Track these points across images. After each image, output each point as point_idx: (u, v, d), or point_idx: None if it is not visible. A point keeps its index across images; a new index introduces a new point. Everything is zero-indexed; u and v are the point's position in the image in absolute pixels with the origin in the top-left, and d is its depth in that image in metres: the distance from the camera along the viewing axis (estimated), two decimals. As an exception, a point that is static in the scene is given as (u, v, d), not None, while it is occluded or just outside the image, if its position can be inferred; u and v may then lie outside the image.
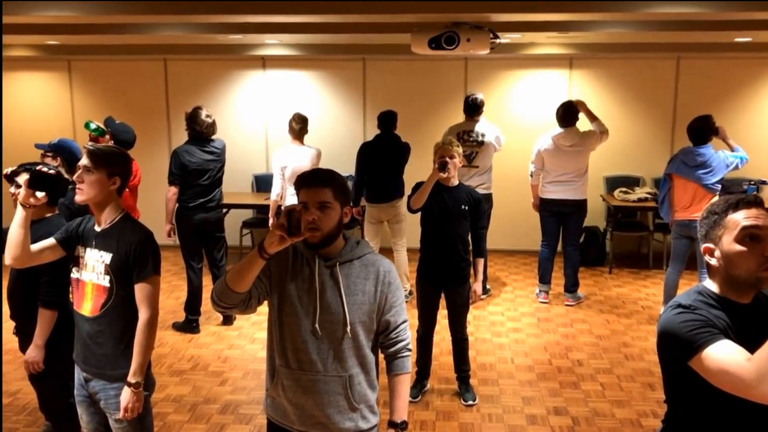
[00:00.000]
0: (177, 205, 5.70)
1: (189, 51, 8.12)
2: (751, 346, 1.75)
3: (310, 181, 2.32)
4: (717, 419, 1.88)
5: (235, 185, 8.28)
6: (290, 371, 2.36)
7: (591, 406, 4.58)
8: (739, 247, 1.85)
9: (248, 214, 8.45)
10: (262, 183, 8.37)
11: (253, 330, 5.96)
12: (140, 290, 2.76)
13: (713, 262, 1.93)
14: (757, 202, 1.89)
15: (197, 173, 5.67)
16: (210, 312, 6.26)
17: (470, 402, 4.58)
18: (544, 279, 6.72)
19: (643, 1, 4.51)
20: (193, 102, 6.66)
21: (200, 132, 5.64)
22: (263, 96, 8.61)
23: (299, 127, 6.21)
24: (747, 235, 1.85)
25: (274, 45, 7.90)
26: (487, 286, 6.94)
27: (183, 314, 5.96)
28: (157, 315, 2.79)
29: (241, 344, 5.66)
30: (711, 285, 1.95)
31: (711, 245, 1.93)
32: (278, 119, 8.33)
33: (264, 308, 2.46)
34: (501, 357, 5.40)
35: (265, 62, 8.53)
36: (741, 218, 1.87)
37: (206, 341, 5.73)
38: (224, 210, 6.28)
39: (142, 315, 2.76)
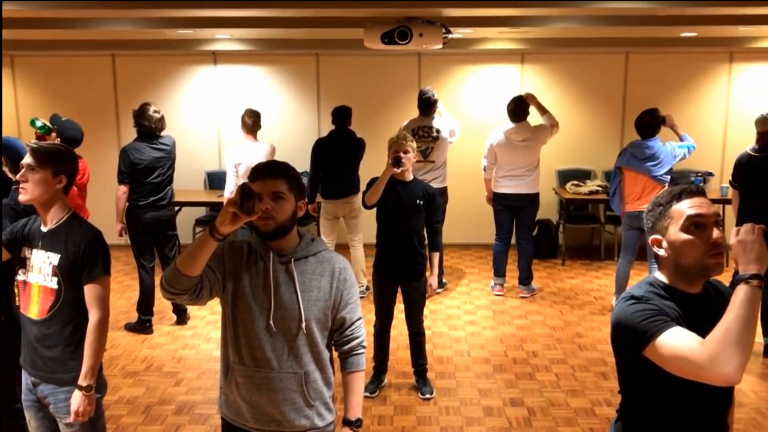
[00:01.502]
0: (127, 203, 5.59)
1: (138, 46, 7.95)
2: (703, 334, 1.78)
3: (265, 171, 2.31)
4: (670, 407, 1.92)
5: (187, 182, 8.16)
6: (244, 368, 2.33)
7: (546, 396, 4.65)
8: (685, 236, 1.89)
9: (201, 211, 8.34)
10: (215, 180, 8.26)
11: (208, 329, 5.88)
12: (90, 291, 2.69)
13: (661, 252, 1.96)
14: (699, 192, 1.94)
15: (147, 171, 5.56)
16: (163, 312, 6.16)
17: (427, 395, 4.61)
18: (499, 272, 6.79)
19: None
20: (143, 98, 6.53)
21: (148, 128, 5.54)
22: (215, 92, 8.49)
23: (252, 121, 6.16)
24: (692, 224, 1.89)
25: (225, 40, 7.79)
26: (443, 280, 6.98)
27: (135, 315, 5.85)
28: (107, 316, 2.73)
29: (195, 344, 5.59)
30: (661, 276, 1.99)
31: (658, 236, 1.96)
32: (231, 115, 8.22)
33: (219, 307, 2.42)
34: (457, 350, 5.44)
35: (216, 57, 8.41)
36: (685, 208, 1.90)
37: (160, 341, 5.64)
38: (176, 208, 6.18)
39: (93, 316, 2.69)
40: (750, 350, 1.69)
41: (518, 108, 6.40)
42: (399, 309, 4.69)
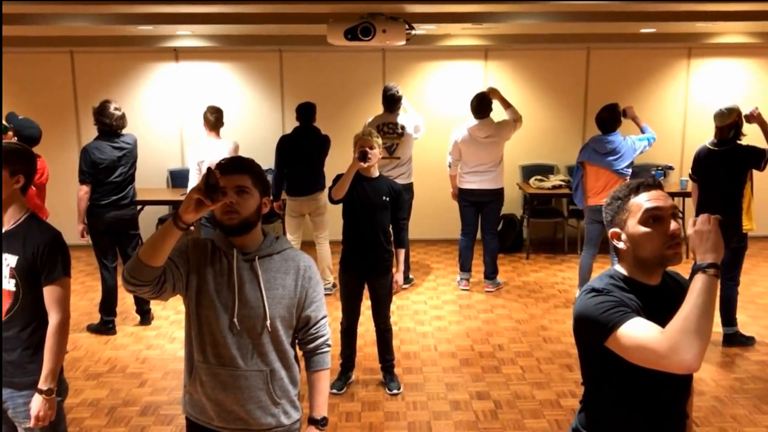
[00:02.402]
0: (89, 203, 5.49)
1: (97, 43, 7.81)
2: (662, 326, 1.81)
3: (229, 166, 2.29)
4: (631, 397, 1.95)
5: (149, 181, 8.05)
6: (209, 367, 2.32)
7: (512, 389, 4.69)
8: (643, 229, 1.92)
9: (164, 210, 8.23)
10: (178, 178, 8.17)
11: (172, 329, 5.81)
12: (49, 293, 2.64)
13: (621, 245, 1.99)
14: (656, 185, 1.97)
15: (108, 170, 5.47)
16: (127, 312, 6.07)
17: (395, 391, 4.62)
18: (465, 267, 6.84)
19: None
20: (103, 96, 6.41)
21: (109, 125, 5.45)
22: (177, 89, 8.38)
23: (215, 118, 6.10)
24: (650, 217, 1.92)
25: (186, 36, 7.70)
26: (410, 276, 7.00)
27: (98, 316, 5.76)
28: (68, 318, 2.68)
29: (160, 344, 5.52)
30: (621, 268, 2.02)
31: (617, 230, 2.00)
32: (193, 112, 8.12)
33: (183, 307, 2.40)
34: (424, 345, 5.46)
35: (177, 54, 8.31)
36: (643, 201, 1.94)
37: (123, 342, 5.56)
38: (138, 207, 6.09)
39: (53, 319, 2.64)
40: (708, 338, 1.72)
41: (481, 105, 6.44)
42: (366, 305, 4.69)
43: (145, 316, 5.92)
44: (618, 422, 1.99)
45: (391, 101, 6.49)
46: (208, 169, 2.07)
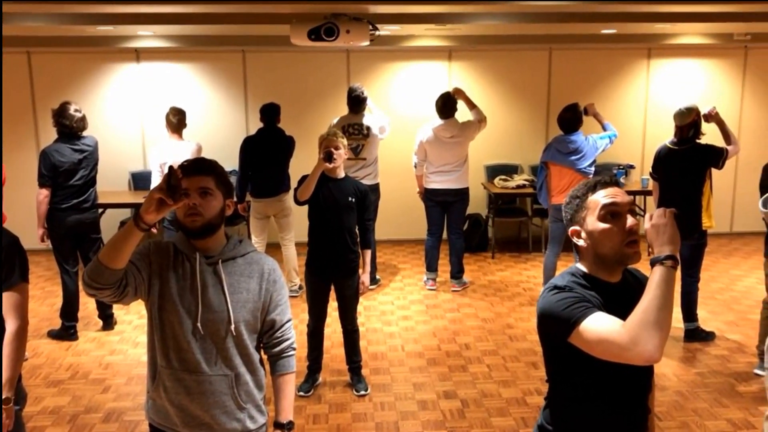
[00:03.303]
0: (49, 207, 5.38)
1: (55, 43, 7.66)
2: (623, 320, 1.83)
3: (192, 168, 2.27)
4: (594, 393, 1.98)
5: (110, 183, 7.92)
6: (173, 372, 2.29)
7: (479, 387, 4.72)
8: (602, 225, 1.95)
9: (126, 213, 8.10)
10: (140, 180, 8.05)
11: (135, 333, 5.73)
12: (7, 299, 2.57)
13: (581, 243, 2.02)
14: (613, 182, 2.00)
15: (69, 173, 5.37)
16: (89, 317, 5.97)
17: (362, 392, 4.61)
18: (431, 267, 6.86)
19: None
20: (62, 98, 6.30)
21: (69, 127, 5.34)
22: (138, 90, 8.26)
23: (177, 120, 6.02)
24: (608, 213, 1.95)
25: (148, 37, 7.60)
26: (377, 276, 7.00)
27: (59, 321, 5.65)
28: (26, 325, 2.61)
29: (123, 349, 5.43)
30: (582, 266, 2.05)
31: (577, 227, 2.02)
32: (155, 114, 8.02)
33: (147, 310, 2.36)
34: (392, 345, 5.47)
35: (139, 55, 8.19)
36: (600, 198, 1.97)
37: (85, 348, 5.46)
38: (100, 210, 5.99)
39: (10, 326, 2.57)
40: (668, 328, 1.75)
41: (446, 105, 6.47)
42: (333, 307, 4.68)
43: (107, 321, 5.83)
44: (581, 418, 2.02)
45: (356, 102, 6.48)
46: (170, 168, 2.04)
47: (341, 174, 4.48)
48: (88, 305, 6.07)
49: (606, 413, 1.99)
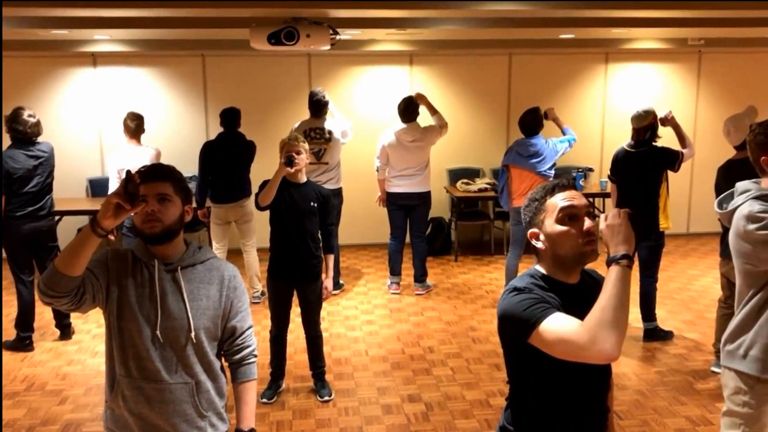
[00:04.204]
0: (3, 215, 5.25)
1: (8, 47, 7.46)
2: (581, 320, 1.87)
3: (150, 174, 2.24)
4: (554, 393, 2.00)
5: (67, 190, 7.76)
6: (132, 380, 2.25)
7: (443, 390, 4.73)
8: (560, 228, 1.98)
9: (83, 220, 7.93)
10: (98, 187, 7.91)
11: (94, 343, 5.61)
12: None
13: (540, 245, 2.05)
14: (570, 185, 2.04)
15: (24, 180, 5.25)
16: (45, 327, 5.83)
17: (326, 398, 4.59)
18: (395, 271, 6.86)
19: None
20: (16, 103, 6.15)
21: (24, 133, 5.22)
22: (95, 95, 8.12)
23: (135, 125, 5.94)
24: (566, 215, 1.98)
25: (104, 41, 7.47)
26: (340, 281, 6.98)
27: (14, 332, 5.51)
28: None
29: (81, 359, 5.32)
30: (541, 268, 2.08)
31: (536, 230, 2.05)
32: (113, 119, 7.88)
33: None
34: (356, 350, 5.45)
35: (95, 59, 8.05)
36: (558, 200, 2.00)
37: (42, 359, 5.33)
38: (56, 217, 5.86)
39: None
40: (625, 327, 1.78)
41: (408, 108, 6.49)
42: (295, 313, 4.65)
43: (65, 331, 5.70)
44: (542, 417, 2.04)
45: (318, 106, 6.46)
46: (128, 172, 2.01)
47: (303, 179, 4.46)
48: (44, 314, 5.93)
49: (566, 413, 2.02)
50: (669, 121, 5.38)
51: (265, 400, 4.52)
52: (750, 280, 2.72)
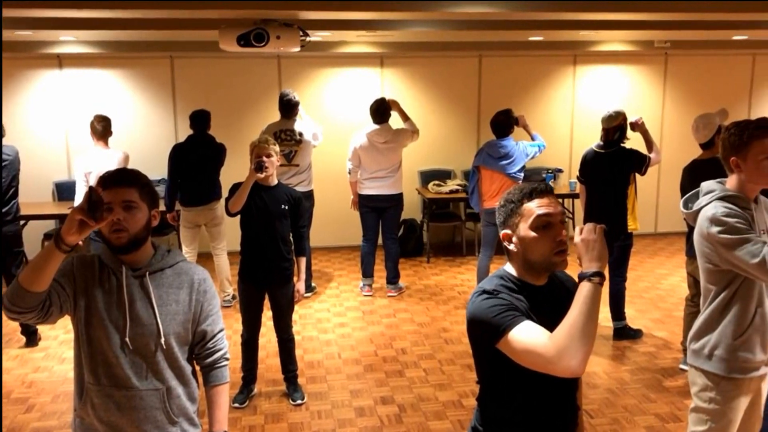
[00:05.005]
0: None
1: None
2: (549, 323, 1.90)
3: (114, 180, 2.19)
4: (523, 393, 2.01)
5: (33, 194, 7.63)
6: (101, 388, 2.21)
7: (416, 392, 4.73)
8: (534, 234, 1.99)
9: (50, 225, 7.81)
10: (64, 191, 7.77)
11: (62, 349, 5.52)
12: None
13: (511, 247, 2.06)
14: (548, 191, 2.04)
15: (-13, 183, 5.15)
16: (11, 334, 5.72)
17: (299, 401, 4.56)
18: (367, 273, 6.86)
19: (444, 1, 4.70)
20: (-21, 105, 6.03)
21: (-13, 137, 5.12)
22: (61, 97, 7.99)
23: (102, 127, 5.86)
24: (541, 223, 1.99)
25: (70, 42, 7.35)
26: (312, 284, 6.95)
27: (-22, 339, 5.40)
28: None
29: (48, 366, 5.22)
30: (510, 269, 2.09)
31: (509, 231, 2.06)
32: (79, 121, 7.77)
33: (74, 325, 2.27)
34: (328, 353, 5.43)
35: (61, 61, 7.92)
36: (535, 207, 2.00)
37: (7, 366, 5.22)
38: (22, 222, 5.75)
39: None
40: (592, 343, 1.81)
41: (380, 109, 6.49)
42: (267, 316, 4.62)
43: (31, 338, 5.59)
44: (512, 417, 2.05)
45: (288, 107, 6.42)
46: (90, 188, 1.97)
47: (274, 181, 4.43)
48: (10, 321, 5.81)
49: (535, 412, 2.03)
50: (639, 127, 5.46)
51: (237, 404, 4.48)
52: (713, 279, 2.76)
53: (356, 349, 5.51)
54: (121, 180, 2.19)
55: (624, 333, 5.61)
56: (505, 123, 6.06)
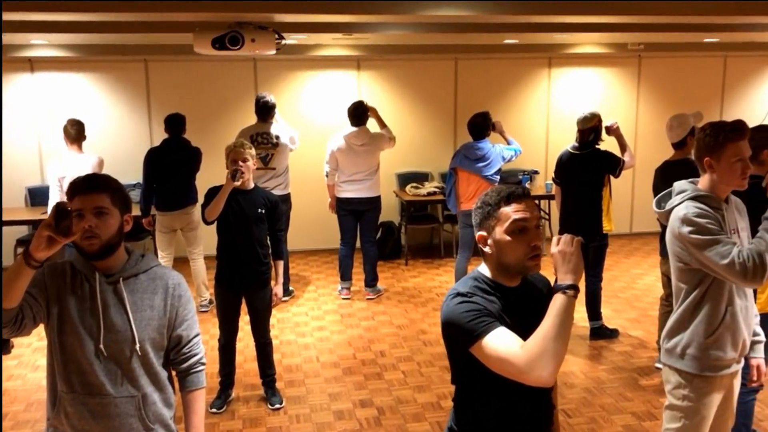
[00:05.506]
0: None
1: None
2: (522, 324, 1.93)
3: (84, 186, 2.16)
4: (498, 392, 2.02)
5: (5, 200, 7.53)
6: (75, 396, 2.18)
7: (395, 394, 4.73)
8: (509, 238, 2.01)
9: (23, 230, 7.71)
10: (38, 196, 7.67)
11: (35, 357, 5.44)
12: None
13: (486, 249, 2.07)
14: (525, 195, 2.05)
15: (-43, 189, 5.06)
16: (-17, 342, 5.62)
17: (277, 405, 4.54)
18: (345, 276, 6.84)
19: (420, 1, 4.71)
20: (-52, 109, 5.94)
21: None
22: (33, 101, 7.89)
23: (75, 131, 5.79)
24: (516, 228, 2.00)
25: (42, 46, 7.26)
26: (290, 288, 6.92)
27: (-51, 348, 5.30)
28: None
29: (21, 374, 5.15)
30: (485, 269, 2.10)
31: (485, 233, 2.07)
32: (53, 126, 7.68)
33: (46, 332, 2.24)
34: (307, 357, 5.41)
35: (33, 64, 7.82)
36: (512, 212, 2.01)
37: (-20, 375, 5.14)
38: (-6, 228, 5.67)
39: None
40: (563, 355, 1.84)
41: (358, 111, 6.49)
42: (244, 320, 4.59)
43: (4, 346, 5.51)
44: (487, 417, 2.06)
45: (264, 109, 6.40)
46: (59, 202, 1.95)
47: (250, 185, 4.40)
48: (-18, 329, 5.72)
49: (510, 411, 2.05)
50: (614, 131, 5.52)
51: (214, 409, 4.45)
52: (684, 278, 2.79)
53: (335, 352, 5.50)
54: (92, 186, 2.16)
55: (600, 333, 5.65)
56: (482, 125, 6.09)
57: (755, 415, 3.83)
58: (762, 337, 3.00)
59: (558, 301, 1.84)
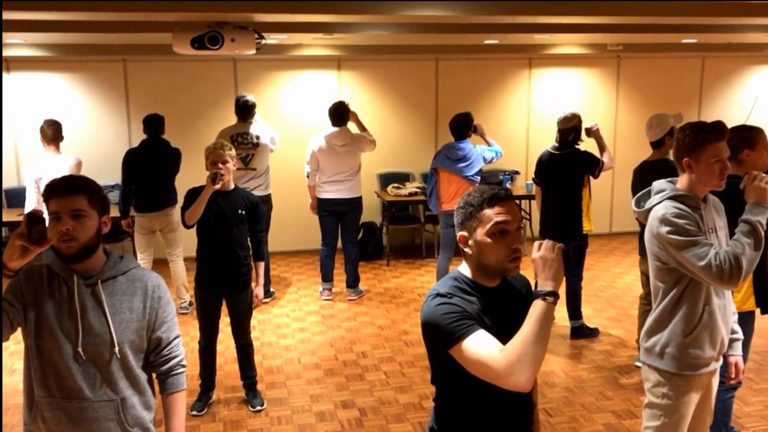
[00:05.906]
0: None
1: None
2: (501, 324, 1.95)
3: (61, 188, 2.13)
4: (478, 392, 2.02)
5: (-19, 201, 7.41)
6: (53, 401, 2.16)
7: (376, 395, 4.72)
8: (490, 240, 2.01)
9: None
10: (14, 198, 7.57)
11: (11, 360, 5.37)
12: None
13: (467, 249, 2.08)
14: (507, 197, 2.05)
15: (-69, 190, 4.98)
16: (-42, 346, 5.54)
17: (258, 407, 4.51)
18: (327, 277, 6.82)
19: (400, 1, 4.71)
20: None
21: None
22: (9, 101, 7.78)
23: (52, 131, 5.72)
24: (498, 230, 2.01)
25: (18, 45, 7.17)
26: (271, 289, 6.89)
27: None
28: None
29: (-2, 378, 5.08)
30: (465, 269, 2.11)
31: (466, 234, 2.07)
32: (29, 127, 7.58)
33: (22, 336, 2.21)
34: (288, 358, 5.39)
35: (9, 64, 7.72)
36: (494, 214, 2.01)
37: (-45, 380, 5.06)
38: (-31, 230, 5.59)
39: None
40: (541, 361, 1.85)
41: (339, 111, 6.47)
42: (225, 322, 4.56)
43: (-20, 349, 5.42)
44: (467, 417, 2.06)
45: (244, 109, 6.37)
46: (31, 210, 1.92)
47: (230, 186, 4.37)
48: (-43, 333, 5.64)
49: (491, 411, 2.05)
50: (593, 133, 5.56)
51: (195, 412, 4.42)
52: (662, 277, 2.82)
53: (316, 353, 5.48)
54: (69, 188, 2.14)
55: (581, 332, 5.69)
56: (464, 125, 6.10)
57: (733, 412, 3.87)
58: (740, 335, 3.03)
59: (537, 307, 1.85)
